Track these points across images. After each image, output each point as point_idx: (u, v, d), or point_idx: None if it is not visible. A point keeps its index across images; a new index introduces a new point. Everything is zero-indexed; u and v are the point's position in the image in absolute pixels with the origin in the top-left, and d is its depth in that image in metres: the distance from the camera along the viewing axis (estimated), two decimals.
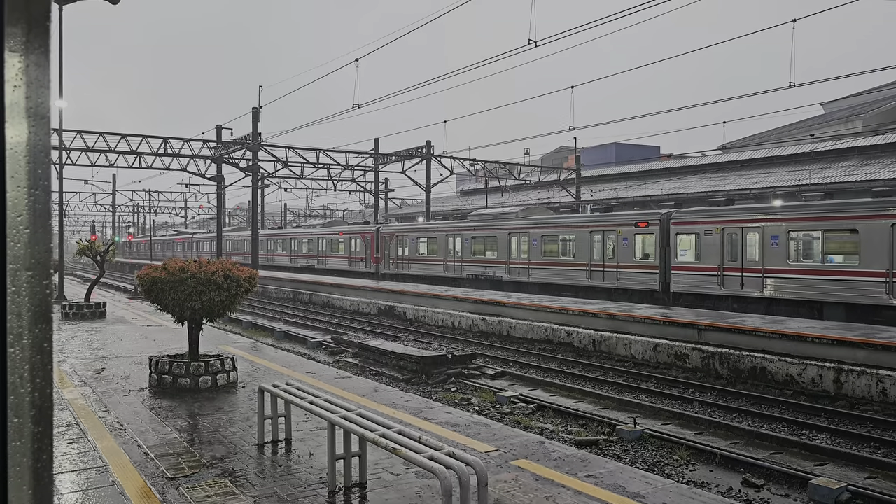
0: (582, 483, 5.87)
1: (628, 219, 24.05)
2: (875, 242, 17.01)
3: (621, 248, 23.75)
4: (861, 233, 17.35)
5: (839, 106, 48.98)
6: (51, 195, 1.00)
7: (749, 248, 19.86)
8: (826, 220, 18.19)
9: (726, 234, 20.39)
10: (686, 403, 12.20)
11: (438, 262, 32.96)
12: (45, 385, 0.97)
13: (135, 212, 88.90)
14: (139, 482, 5.83)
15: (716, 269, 20.64)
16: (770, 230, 19.31)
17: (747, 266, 19.84)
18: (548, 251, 26.95)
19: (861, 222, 17.43)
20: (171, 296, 9.39)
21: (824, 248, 18.29)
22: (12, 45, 0.93)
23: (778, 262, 19.07)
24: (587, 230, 25.20)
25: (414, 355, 14.85)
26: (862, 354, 12.55)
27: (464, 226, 31.79)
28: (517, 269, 28.30)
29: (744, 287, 19.96)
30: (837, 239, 18.12)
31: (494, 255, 29.55)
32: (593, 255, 24.84)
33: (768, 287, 19.39)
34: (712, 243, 20.77)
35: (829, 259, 18.22)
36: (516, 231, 28.43)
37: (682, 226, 21.88)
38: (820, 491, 7.59)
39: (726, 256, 20.38)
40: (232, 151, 36.83)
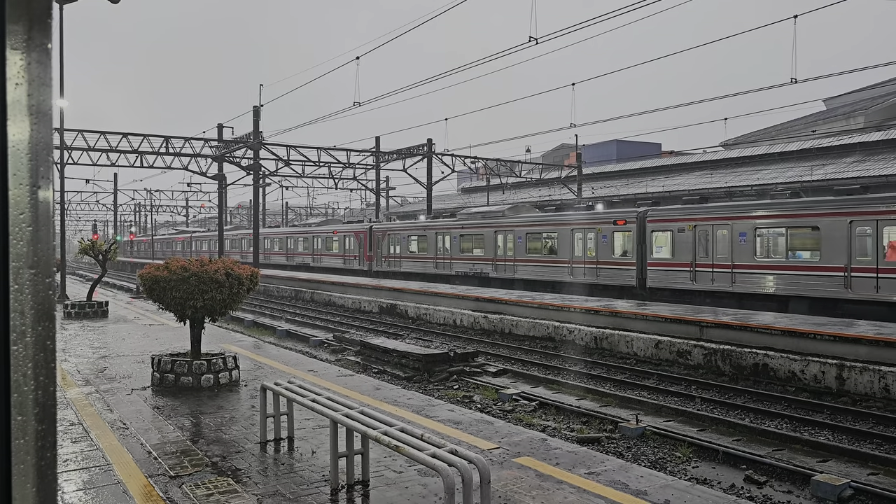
0: (584, 480, 5.88)
1: (607, 217, 24.79)
2: (835, 239, 17.80)
3: (601, 245, 24.49)
4: (822, 230, 18.12)
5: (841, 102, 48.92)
6: (53, 193, 1.00)
7: (719, 245, 20.55)
8: (790, 217, 19.01)
9: (698, 232, 21.10)
10: (688, 400, 12.20)
11: (429, 260, 33.66)
12: (48, 383, 0.97)
13: (136, 211, 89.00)
14: (142, 480, 5.83)
15: (689, 265, 21.37)
16: (738, 227, 20.03)
17: (718, 262, 20.56)
18: (532, 248, 27.64)
19: (822, 220, 18.21)
20: (173, 294, 9.40)
21: (788, 244, 19.05)
22: (14, 43, 0.93)
23: (746, 258, 19.81)
24: (569, 228, 25.89)
25: (416, 353, 14.86)
26: (864, 351, 12.54)
27: (452, 224, 32.37)
28: (503, 266, 28.98)
29: (714, 282, 20.68)
30: (800, 236, 18.84)
31: (482, 253, 30.23)
32: (575, 252, 25.55)
33: (737, 282, 20.08)
34: (685, 240, 21.50)
35: (792, 255, 18.95)
36: (502, 229, 29.09)
37: (658, 223, 22.57)
38: (823, 487, 7.58)
39: (698, 253, 21.10)
40: (233, 150, 36.83)
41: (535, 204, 38.90)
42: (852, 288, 17.39)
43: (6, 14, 0.91)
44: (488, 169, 44.53)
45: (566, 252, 25.89)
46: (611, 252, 24.17)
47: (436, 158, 41.27)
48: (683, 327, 15.85)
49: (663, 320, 16.38)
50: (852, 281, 17.40)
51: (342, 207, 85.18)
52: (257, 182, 36.84)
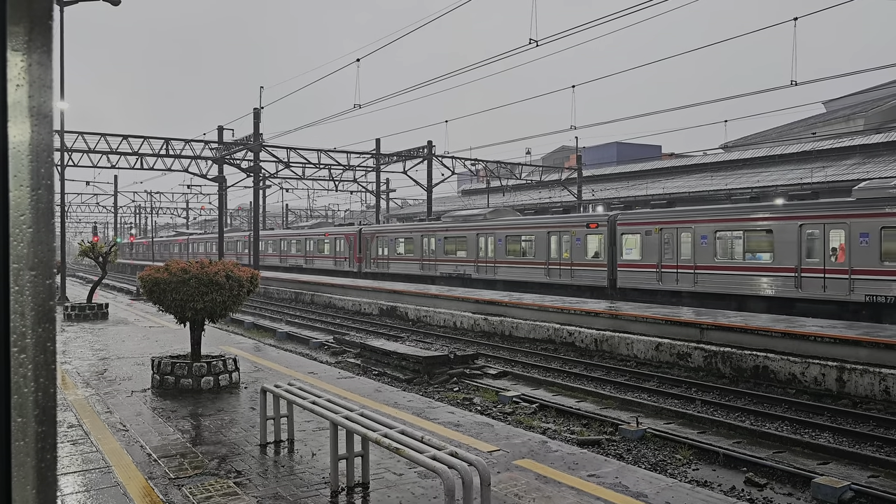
0: (584, 482, 5.87)
1: (581, 220, 26.01)
2: (786, 241, 18.96)
3: (575, 247, 25.59)
4: (775, 233, 19.24)
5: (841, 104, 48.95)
6: (53, 194, 1.00)
7: (683, 247, 21.72)
8: (746, 221, 20.13)
9: (664, 235, 22.25)
10: (688, 403, 12.19)
11: (415, 261, 34.64)
12: (48, 385, 0.97)
13: (136, 213, 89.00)
14: (142, 483, 5.83)
15: (655, 266, 22.50)
16: (700, 231, 21.21)
17: (681, 263, 21.73)
18: (511, 250, 28.70)
19: (775, 223, 19.34)
20: (173, 296, 9.40)
21: (745, 246, 20.20)
22: (14, 45, 0.93)
23: (707, 260, 20.97)
24: (545, 231, 26.98)
25: (416, 355, 14.85)
26: (864, 353, 12.53)
27: (437, 227, 33.45)
28: (485, 267, 30.02)
29: (678, 282, 21.80)
30: (756, 238, 19.96)
31: (465, 255, 31.29)
32: (551, 254, 26.65)
33: (699, 282, 21.21)
34: (652, 243, 22.63)
35: (749, 256, 20.09)
36: (483, 232, 30.18)
37: (627, 226, 23.69)
38: (823, 490, 7.58)
39: (664, 255, 22.22)
40: (233, 152, 36.85)
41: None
42: (802, 288, 18.55)
43: (7, 15, 0.91)
44: (488, 171, 44.55)
45: (542, 254, 26.96)
46: (584, 254, 25.22)
47: (436, 160, 41.29)
48: (684, 329, 15.84)
49: (664, 322, 16.38)
50: (802, 281, 18.57)
51: (342, 209, 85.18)
52: (257, 184, 36.86)
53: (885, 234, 17.12)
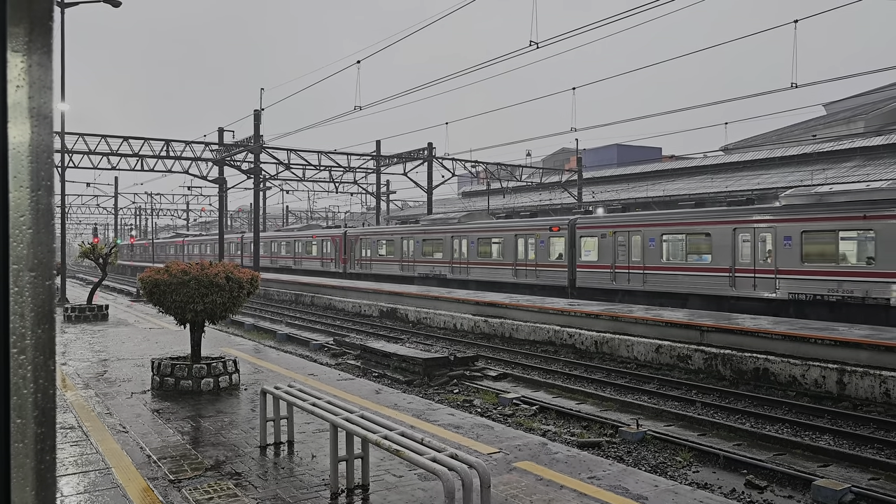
0: (585, 484, 5.86)
1: (545, 224, 27.41)
2: (722, 244, 20.57)
3: (539, 249, 27.16)
4: (713, 236, 20.90)
5: (841, 107, 48.97)
6: (53, 196, 1.00)
7: (634, 249, 23.33)
8: (688, 225, 21.85)
9: (617, 237, 23.89)
10: (689, 405, 12.18)
11: (395, 262, 36.37)
12: (47, 386, 0.97)
13: (137, 214, 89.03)
14: (141, 484, 5.82)
15: (609, 267, 24.17)
16: (648, 234, 22.83)
17: (632, 264, 23.33)
18: (483, 252, 30.30)
19: (712, 227, 20.95)
20: (173, 298, 9.39)
21: (687, 248, 21.94)
22: (15, 45, 0.93)
23: (655, 261, 22.63)
24: (513, 234, 28.55)
25: (416, 357, 14.84)
26: (865, 355, 12.52)
27: (415, 230, 35.15)
28: (458, 268, 31.65)
29: (630, 282, 23.42)
30: (696, 241, 21.67)
31: (440, 256, 32.84)
32: (518, 255, 28.18)
33: (648, 282, 22.85)
34: (607, 245, 24.25)
35: (691, 258, 21.80)
36: (458, 235, 31.80)
37: (585, 230, 25.27)
38: (823, 492, 7.57)
39: (618, 256, 23.87)
40: (234, 154, 36.86)
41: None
42: (736, 287, 20.19)
43: (7, 16, 0.91)
44: (489, 173, 44.56)
45: (511, 255, 28.50)
46: (548, 256, 26.82)
47: (436, 162, 41.29)
48: (684, 331, 15.84)
49: (664, 324, 16.37)
50: (736, 280, 20.22)
51: (343, 211, 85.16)
52: (258, 186, 36.86)
53: (805, 237, 18.71)
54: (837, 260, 18.15)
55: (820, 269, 18.36)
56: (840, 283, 17.94)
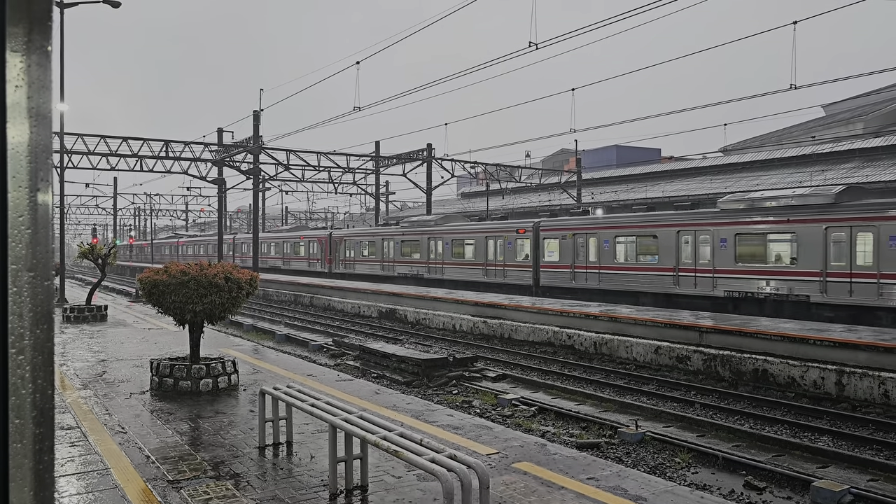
0: (583, 485, 5.86)
1: (512, 226, 28.88)
2: (667, 246, 22.16)
3: (507, 250, 28.77)
4: (659, 238, 22.52)
5: (840, 108, 48.99)
6: (52, 196, 0.99)
7: (591, 250, 25.03)
8: (638, 227, 23.44)
9: (576, 239, 25.61)
10: (688, 406, 12.18)
11: (377, 262, 38.10)
12: (46, 386, 0.97)
13: (136, 215, 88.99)
14: (140, 485, 5.82)
15: (569, 267, 25.87)
16: (603, 236, 24.56)
17: (590, 264, 25.06)
18: (456, 253, 31.89)
19: (658, 230, 22.59)
20: (173, 298, 9.39)
21: (638, 250, 23.46)
22: (14, 45, 0.93)
23: (609, 261, 24.30)
24: (483, 236, 30.22)
25: (415, 358, 14.84)
26: (864, 356, 12.53)
27: (395, 231, 36.81)
28: (434, 268, 33.21)
29: (587, 281, 25.12)
30: (645, 243, 23.18)
31: (418, 257, 34.47)
32: (488, 256, 29.85)
33: (603, 281, 24.61)
34: (567, 246, 25.96)
35: (640, 258, 23.32)
36: (433, 236, 33.36)
37: (548, 232, 26.86)
38: (822, 493, 7.57)
39: (577, 257, 25.55)
40: (233, 154, 36.84)
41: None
42: (679, 285, 21.84)
43: (6, 16, 0.91)
44: (488, 174, 44.56)
45: (482, 256, 30.21)
46: (515, 256, 28.43)
47: (435, 163, 41.29)
48: (683, 332, 15.84)
49: (663, 325, 16.38)
50: (679, 279, 21.86)
51: (342, 212, 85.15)
52: (257, 186, 36.86)
53: (738, 239, 20.34)
54: (766, 260, 19.77)
55: (751, 268, 20.07)
56: (768, 281, 19.66)
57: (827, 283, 18.30)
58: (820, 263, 18.44)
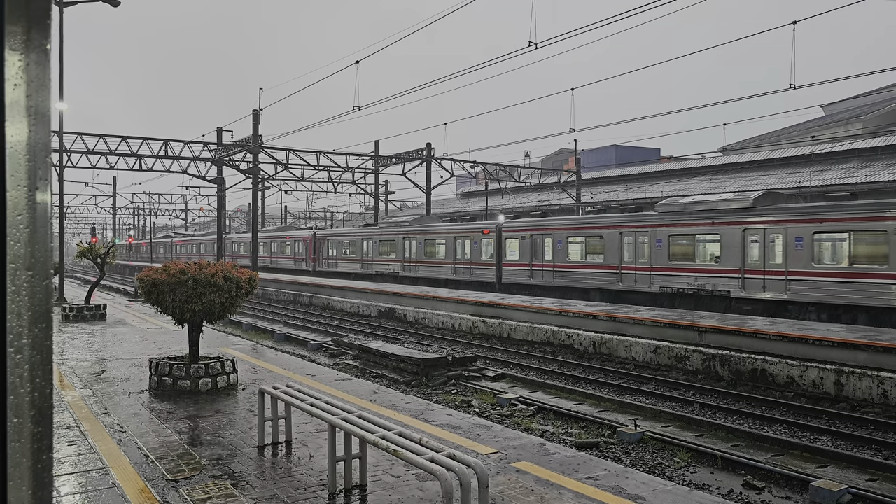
0: (582, 485, 5.86)
1: (478, 227, 31.00)
2: (612, 246, 24.22)
3: (473, 249, 30.86)
4: (605, 239, 24.60)
5: (839, 108, 49.00)
6: (51, 195, 0.99)
7: (546, 250, 27.03)
8: (587, 229, 25.61)
9: (534, 239, 27.57)
10: (687, 405, 12.19)
11: (357, 261, 40.18)
12: (44, 385, 0.97)
13: (135, 214, 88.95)
14: (139, 484, 5.82)
15: (527, 265, 27.90)
16: (557, 236, 26.62)
17: (545, 263, 27.06)
18: (428, 252, 33.86)
19: (604, 231, 24.66)
20: (172, 298, 9.38)
21: (586, 249, 25.50)
22: (12, 44, 0.92)
23: (562, 260, 26.38)
24: (452, 236, 32.30)
25: (414, 357, 14.84)
26: (863, 356, 12.54)
27: (373, 232, 38.89)
28: (409, 266, 35.21)
29: (543, 278, 27.06)
30: (593, 243, 25.21)
31: (394, 256, 36.55)
32: (456, 255, 31.90)
33: (556, 278, 26.53)
34: (526, 246, 27.97)
35: (589, 257, 25.40)
36: (408, 236, 35.38)
37: (509, 233, 28.97)
38: (821, 493, 7.57)
39: (533, 256, 27.57)
40: (232, 154, 36.83)
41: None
42: (622, 282, 23.85)
43: (5, 15, 0.91)
44: (487, 173, 44.56)
45: (451, 255, 32.22)
46: (480, 255, 30.47)
47: (435, 163, 41.29)
48: (682, 332, 15.85)
49: (662, 325, 16.38)
50: (622, 276, 23.86)
51: (341, 211, 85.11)
52: (256, 186, 36.84)
53: (672, 240, 22.35)
54: (695, 259, 21.78)
55: (682, 266, 22.08)
56: (696, 278, 21.62)
57: (745, 279, 20.27)
58: (739, 262, 20.43)
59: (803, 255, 18.86)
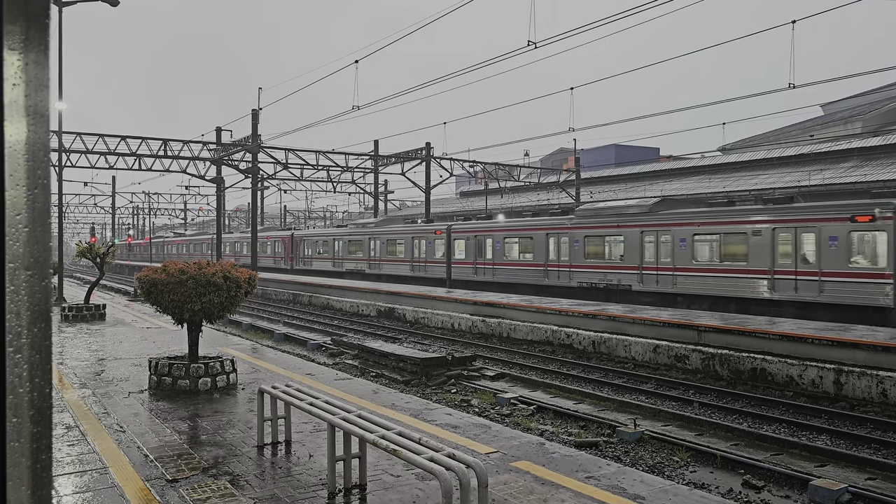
0: (582, 484, 5.87)
1: (432, 228, 33.86)
2: (540, 246, 27.32)
3: (427, 248, 33.74)
4: (534, 239, 27.63)
5: (839, 107, 49.01)
6: (50, 194, 0.99)
7: (486, 249, 30.29)
8: (520, 230, 28.60)
9: (477, 240, 30.82)
10: (686, 405, 12.19)
11: (329, 259, 43.45)
12: (43, 385, 0.97)
13: (134, 214, 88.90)
14: (139, 484, 5.82)
15: (472, 263, 31.05)
16: (495, 237, 29.85)
17: (486, 261, 30.25)
18: (390, 251, 36.87)
19: (534, 233, 27.70)
20: (171, 297, 9.38)
21: (520, 249, 28.52)
22: (11, 43, 0.92)
23: (500, 258, 29.52)
24: (411, 236, 35.21)
25: (414, 357, 14.84)
26: (862, 355, 12.54)
27: (343, 232, 42.22)
28: (373, 264, 38.22)
29: (485, 275, 30.14)
30: (525, 243, 28.28)
31: (360, 255, 39.64)
32: (414, 254, 34.76)
33: (496, 274, 29.61)
34: (471, 246, 31.15)
35: (522, 256, 28.36)
36: (373, 236, 38.43)
37: (458, 234, 32.05)
38: (820, 492, 7.58)
39: (476, 255, 30.76)
40: (231, 153, 36.80)
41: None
42: (548, 278, 26.93)
43: (4, 14, 0.91)
44: (487, 173, 44.55)
45: (409, 254, 35.12)
46: (434, 254, 33.36)
47: (434, 162, 41.27)
48: (681, 331, 15.85)
49: (661, 324, 16.39)
50: (548, 273, 26.95)
51: (341, 211, 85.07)
52: (255, 185, 36.82)
53: (586, 240, 25.53)
54: (604, 257, 24.84)
55: (595, 264, 25.21)
56: (605, 274, 24.70)
57: (643, 275, 23.36)
58: (638, 260, 23.47)
59: (686, 253, 22.03)
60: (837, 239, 18.23)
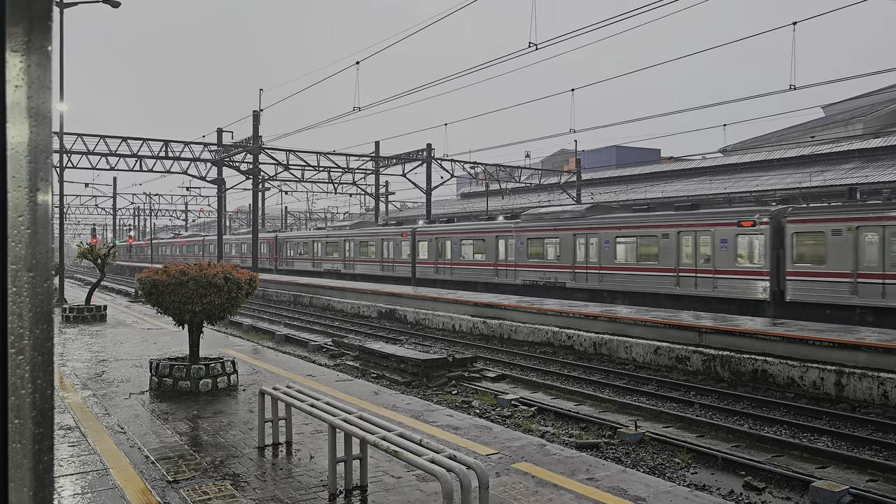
0: (583, 486, 5.86)
1: (399, 231, 36.64)
2: (490, 247, 30.30)
3: (395, 250, 36.50)
4: (486, 241, 30.65)
5: (839, 109, 48.99)
6: (52, 196, 0.99)
7: (446, 250, 32.98)
8: (474, 233, 31.47)
9: (438, 242, 33.45)
10: (687, 406, 12.18)
11: (308, 260, 46.28)
12: (45, 386, 0.97)
13: (135, 215, 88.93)
14: (140, 485, 5.82)
15: (433, 263, 33.64)
16: (453, 239, 32.59)
17: (445, 261, 32.93)
18: (363, 252, 39.75)
19: (485, 235, 30.64)
20: (172, 298, 9.38)
21: (474, 250, 31.44)
22: (13, 45, 0.93)
23: (458, 259, 32.34)
24: (380, 238, 38.04)
25: (414, 358, 14.84)
26: (863, 357, 12.53)
27: (322, 234, 45.00)
28: (348, 264, 40.96)
29: (444, 274, 32.84)
30: (478, 245, 31.19)
31: (338, 255, 42.31)
32: (384, 254, 37.65)
33: (454, 273, 32.28)
34: (433, 248, 33.76)
35: (475, 256, 31.25)
36: (347, 238, 41.39)
37: (422, 236, 34.74)
38: (821, 494, 7.57)
39: (437, 256, 33.39)
40: (233, 154, 36.82)
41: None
42: (497, 276, 29.71)
43: (6, 16, 0.91)
44: (487, 174, 44.55)
45: (379, 254, 37.95)
46: (401, 255, 35.96)
47: (435, 163, 41.27)
48: (682, 333, 15.84)
49: (662, 326, 16.37)
50: (497, 272, 29.79)
51: (342, 212, 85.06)
52: (256, 186, 36.84)
53: (529, 242, 28.16)
54: (544, 257, 27.41)
55: (536, 263, 27.79)
56: (545, 273, 27.29)
57: (575, 273, 25.98)
58: (571, 260, 26.12)
59: (610, 254, 24.53)
60: (727, 241, 20.91)
